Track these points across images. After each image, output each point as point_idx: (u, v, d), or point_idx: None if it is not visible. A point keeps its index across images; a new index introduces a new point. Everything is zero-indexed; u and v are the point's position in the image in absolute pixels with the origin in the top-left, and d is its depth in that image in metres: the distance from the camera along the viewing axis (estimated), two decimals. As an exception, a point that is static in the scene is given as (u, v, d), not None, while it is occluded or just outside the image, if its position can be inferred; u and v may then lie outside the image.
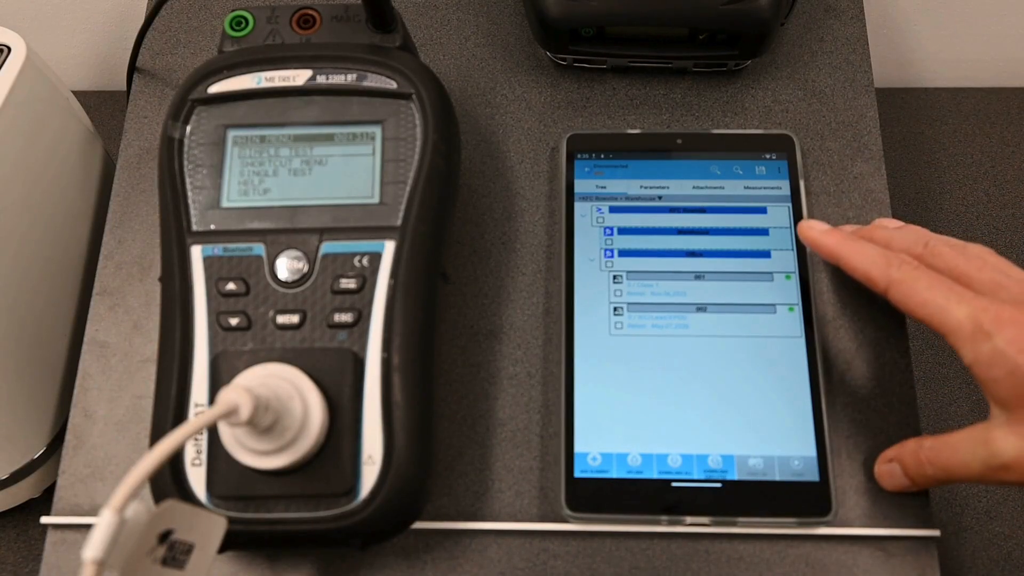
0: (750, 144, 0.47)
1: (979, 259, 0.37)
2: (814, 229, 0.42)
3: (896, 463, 0.40)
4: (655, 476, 0.41)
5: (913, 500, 0.41)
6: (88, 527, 0.41)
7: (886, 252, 0.39)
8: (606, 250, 0.45)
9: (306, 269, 0.39)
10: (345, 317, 0.38)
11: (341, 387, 0.37)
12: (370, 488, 0.36)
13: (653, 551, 0.41)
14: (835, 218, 0.47)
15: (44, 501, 0.55)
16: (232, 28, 0.43)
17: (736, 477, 0.41)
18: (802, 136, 0.49)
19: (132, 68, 0.52)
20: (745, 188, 0.46)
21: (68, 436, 0.44)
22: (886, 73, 0.72)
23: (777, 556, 0.41)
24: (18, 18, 0.69)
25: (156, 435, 0.38)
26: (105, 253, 0.48)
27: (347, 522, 0.36)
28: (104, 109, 0.70)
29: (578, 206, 0.46)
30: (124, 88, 0.52)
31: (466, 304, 0.46)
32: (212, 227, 0.40)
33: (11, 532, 0.57)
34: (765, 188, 0.46)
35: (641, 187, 0.46)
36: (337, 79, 0.41)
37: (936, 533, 0.41)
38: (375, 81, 0.41)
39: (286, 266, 0.39)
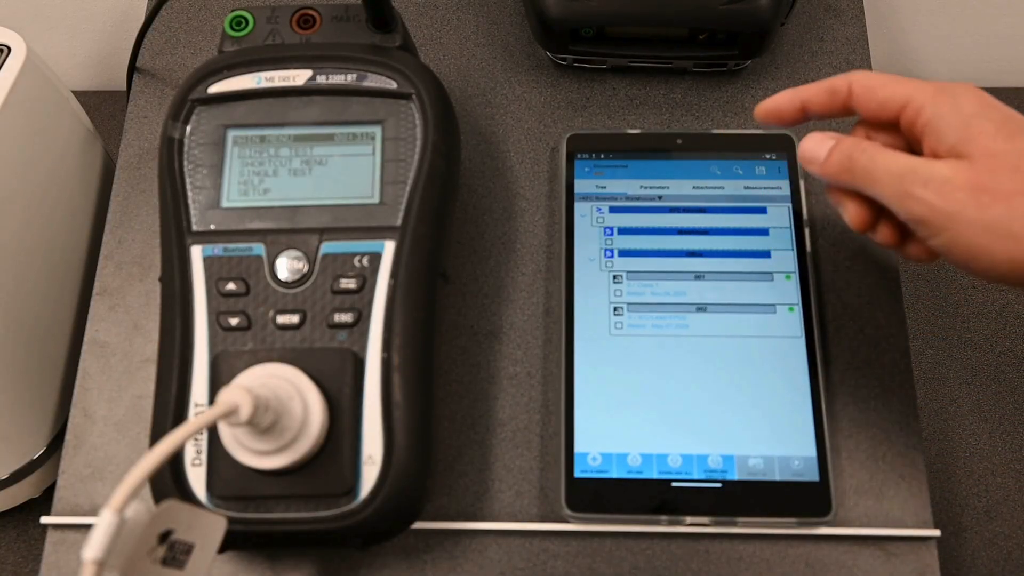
0: (750, 144, 0.47)
1: None
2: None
3: (832, 140, 0.38)
4: (655, 476, 0.41)
5: (913, 500, 0.41)
6: (88, 527, 0.41)
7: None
8: (606, 250, 0.45)
9: (306, 269, 0.39)
10: (345, 317, 0.38)
11: (341, 387, 0.37)
12: (370, 488, 0.36)
13: (653, 551, 0.41)
14: (835, 218, 0.47)
15: (44, 501, 0.55)
16: (232, 28, 0.43)
17: (736, 477, 0.41)
18: (802, 136, 0.48)
19: (132, 68, 0.52)
20: (745, 188, 0.46)
21: (68, 436, 0.44)
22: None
23: (777, 556, 0.41)
24: (18, 18, 0.69)
25: (156, 435, 0.38)
26: (105, 253, 0.48)
27: (347, 522, 0.36)
28: (104, 109, 0.70)
29: (578, 206, 0.46)
30: (124, 88, 0.52)
31: (466, 304, 0.46)
32: (212, 227, 0.40)
33: (11, 532, 0.57)
34: (765, 188, 0.46)
35: (641, 187, 0.46)
36: (337, 79, 0.41)
37: (936, 533, 0.41)
38: (375, 81, 0.41)
39: (286, 266, 0.39)
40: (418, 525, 0.41)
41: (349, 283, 0.38)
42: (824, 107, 0.38)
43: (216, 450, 0.37)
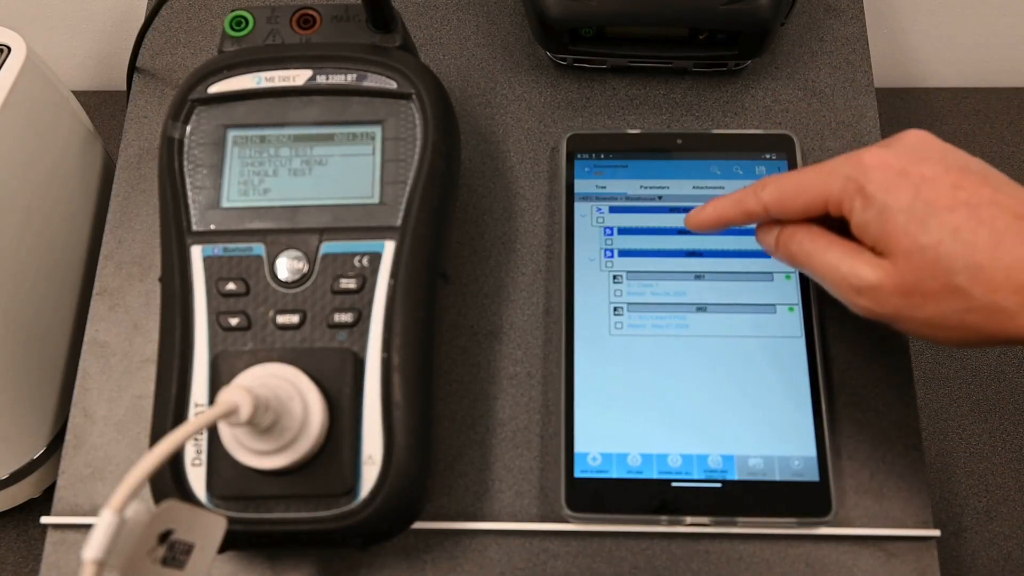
0: (750, 144, 0.47)
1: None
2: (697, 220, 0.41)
3: (778, 228, 0.39)
4: (655, 476, 0.41)
5: (913, 500, 0.41)
6: (88, 527, 0.41)
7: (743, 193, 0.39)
8: (606, 250, 0.45)
9: (306, 269, 0.39)
10: (345, 317, 0.38)
11: (341, 387, 0.37)
12: (370, 488, 0.36)
13: (653, 551, 0.41)
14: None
15: (44, 501, 0.55)
16: (232, 28, 0.43)
17: (736, 477, 0.41)
18: (802, 136, 0.49)
19: (132, 68, 0.52)
20: (745, 188, 0.46)
21: (68, 436, 0.44)
22: (886, 73, 0.72)
23: (777, 556, 0.41)
24: (18, 18, 0.69)
25: (156, 435, 0.38)
26: (105, 253, 0.48)
27: (347, 522, 0.36)
28: (104, 109, 0.70)
29: (578, 206, 0.46)
30: (124, 88, 0.52)
31: (466, 304, 0.46)
32: (212, 227, 0.40)
33: (11, 532, 0.57)
34: (765, 188, 0.46)
35: (641, 187, 0.46)
36: (337, 79, 0.41)
37: (936, 533, 0.41)
38: (375, 81, 0.41)
39: (286, 266, 0.39)
40: (418, 525, 0.41)
41: (349, 283, 0.38)
42: (745, 223, 0.39)
43: (216, 450, 0.37)
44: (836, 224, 0.37)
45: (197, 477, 0.37)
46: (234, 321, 0.38)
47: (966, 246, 0.33)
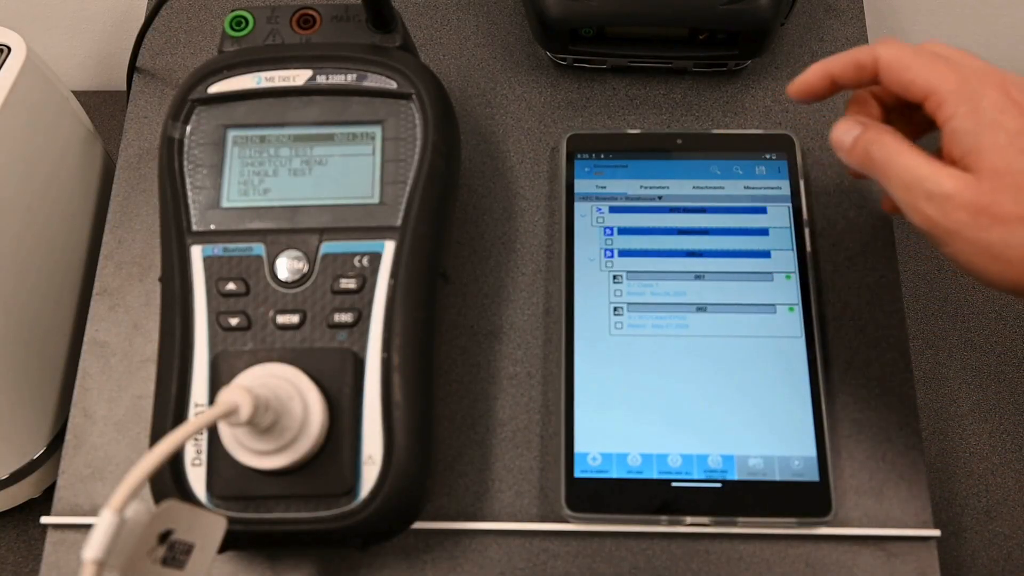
0: (750, 144, 0.47)
1: (963, 52, 0.37)
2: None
3: (860, 127, 0.37)
4: (655, 476, 0.41)
5: (913, 500, 0.41)
6: (88, 527, 0.41)
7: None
8: (606, 250, 0.45)
9: (306, 269, 0.39)
10: (345, 317, 0.38)
11: (341, 387, 0.37)
12: (370, 488, 0.36)
13: (653, 551, 0.41)
14: (835, 218, 0.47)
15: (44, 501, 0.55)
16: (232, 28, 0.43)
17: (736, 477, 0.41)
18: (802, 136, 0.49)
19: (132, 68, 0.52)
20: (745, 188, 0.46)
21: (68, 436, 0.44)
22: (886, 73, 0.72)
23: (777, 556, 0.41)
24: (18, 18, 0.69)
25: (156, 435, 0.38)
26: (105, 253, 0.48)
27: (347, 522, 0.36)
28: (104, 109, 0.70)
29: (578, 206, 0.46)
30: (124, 88, 0.52)
31: (466, 304, 0.46)
32: (212, 227, 0.40)
33: (11, 532, 0.57)
34: (765, 188, 0.46)
35: (641, 187, 0.46)
36: (337, 79, 0.41)
37: (936, 533, 0.41)
38: (375, 81, 0.41)
39: (286, 266, 0.39)
40: (418, 525, 0.41)
41: (349, 283, 0.38)
42: (853, 80, 0.38)
43: (216, 450, 0.37)
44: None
45: (197, 477, 0.37)
46: (234, 321, 0.38)
47: None
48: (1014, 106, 0.34)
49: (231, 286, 0.39)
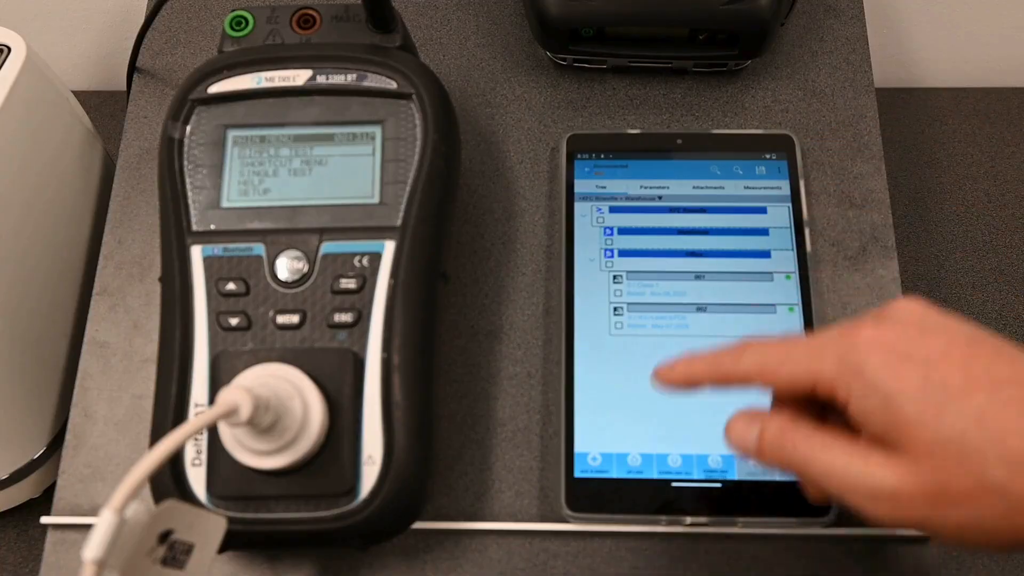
0: (750, 144, 0.47)
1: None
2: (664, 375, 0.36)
3: (757, 426, 0.33)
4: (655, 476, 0.41)
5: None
6: (88, 527, 0.41)
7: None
8: (606, 250, 0.45)
9: (306, 269, 0.39)
10: (345, 317, 0.38)
11: (341, 387, 0.37)
12: (370, 488, 0.36)
13: (653, 551, 0.41)
14: (835, 218, 0.47)
15: (44, 501, 0.55)
16: (232, 28, 0.43)
17: (736, 477, 0.41)
18: (802, 136, 0.49)
19: (132, 68, 0.52)
20: (745, 188, 0.46)
21: (68, 436, 0.44)
22: (886, 73, 0.72)
23: (777, 556, 0.41)
24: (18, 18, 0.69)
25: (156, 435, 0.38)
26: (105, 253, 0.48)
27: (347, 522, 0.36)
28: (104, 109, 0.70)
29: (578, 206, 0.46)
30: (124, 88, 0.52)
31: (466, 304, 0.46)
32: (212, 227, 0.40)
33: (11, 532, 0.57)
34: (765, 188, 0.46)
35: (641, 187, 0.46)
36: (337, 79, 0.41)
37: (936, 533, 0.41)
38: (375, 81, 0.41)
39: (286, 266, 0.39)
40: (418, 525, 0.41)
41: (349, 283, 0.38)
42: (722, 388, 0.34)
43: (216, 450, 0.37)
44: (818, 408, 0.33)
45: (197, 477, 0.37)
46: (234, 321, 0.38)
47: (996, 433, 0.28)
48: (900, 359, 0.30)
49: (231, 286, 0.39)
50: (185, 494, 0.37)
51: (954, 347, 0.30)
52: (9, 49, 0.47)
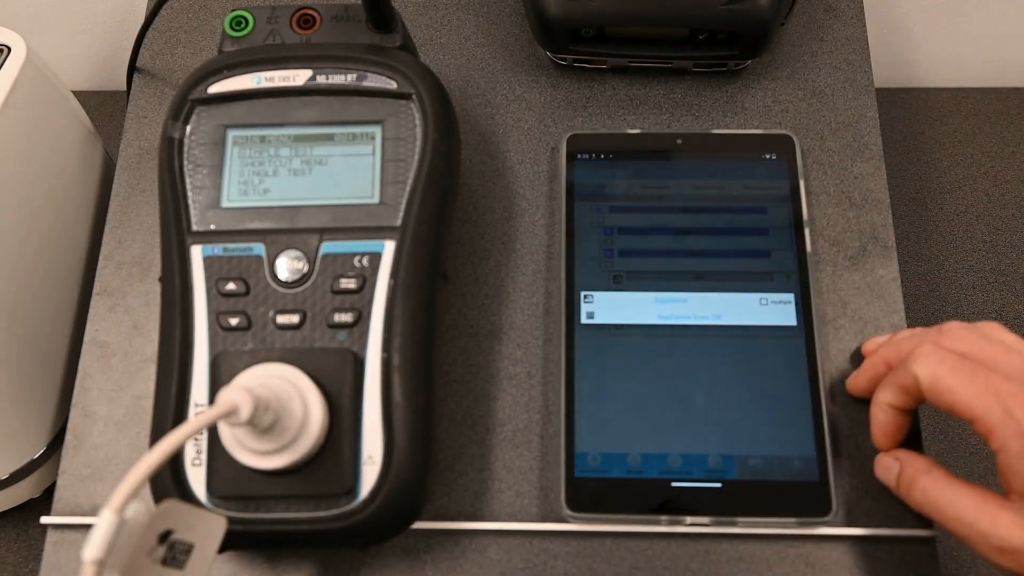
0: (750, 144, 0.47)
1: (1000, 342, 0.36)
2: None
3: (897, 465, 0.39)
4: (655, 476, 0.41)
5: (913, 500, 0.41)
6: (88, 527, 0.41)
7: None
8: (606, 250, 0.45)
9: (306, 269, 0.39)
10: (345, 317, 0.38)
11: (341, 387, 0.37)
12: (370, 488, 0.36)
13: (653, 551, 0.41)
14: (835, 218, 0.47)
15: (44, 501, 0.55)
16: (232, 28, 0.43)
17: (736, 477, 0.41)
18: (802, 136, 0.49)
19: (132, 68, 0.52)
20: (745, 188, 0.46)
21: (68, 436, 0.44)
22: (886, 73, 0.72)
23: (777, 556, 0.41)
24: (18, 18, 0.69)
25: (156, 435, 0.38)
26: (105, 253, 0.48)
27: (347, 522, 0.36)
28: (104, 109, 0.70)
29: (578, 206, 0.46)
30: (124, 88, 0.52)
31: (466, 304, 0.46)
32: (212, 227, 0.40)
33: (11, 532, 0.57)
34: (765, 188, 0.46)
35: (641, 187, 0.46)
36: (337, 79, 0.41)
37: (936, 533, 0.41)
38: (375, 81, 0.41)
39: (286, 266, 0.39)
40: (418, 525, 0.41)
41: (349, 283, 0.38)
42: (908, 404, 0.38)
43: (216, 450, 0.37)
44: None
45: (197, 477, 0.37)
46: (234, 321, 0.38)
47: None
48: None
49: (231, 286, 0.39)
50: (185, 494, 0.37)
51: None
52: (9, 49, 0.47)
